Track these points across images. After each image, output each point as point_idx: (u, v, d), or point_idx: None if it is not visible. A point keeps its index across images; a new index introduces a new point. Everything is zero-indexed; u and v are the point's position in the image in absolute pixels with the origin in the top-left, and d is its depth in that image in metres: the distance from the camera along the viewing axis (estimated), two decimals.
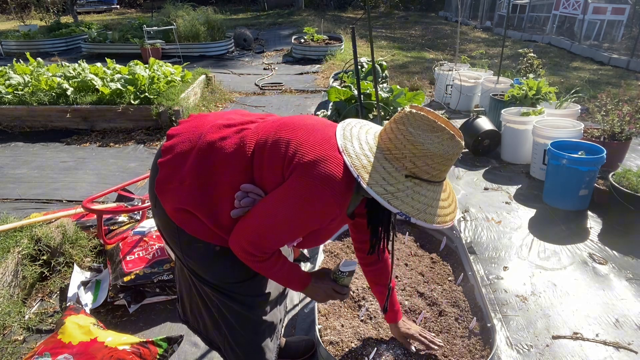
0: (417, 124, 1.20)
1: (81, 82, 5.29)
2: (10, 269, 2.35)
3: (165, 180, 1.38)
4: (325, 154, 1.24)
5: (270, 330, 1.60)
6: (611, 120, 3.76)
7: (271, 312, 1.60)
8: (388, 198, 1.18)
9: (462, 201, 3.52)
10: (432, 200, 1.23)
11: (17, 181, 3.90)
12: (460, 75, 5.59)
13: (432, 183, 1.23)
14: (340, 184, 1.21)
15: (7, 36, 10.56)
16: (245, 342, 1.54)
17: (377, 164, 1.22)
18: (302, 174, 1.21)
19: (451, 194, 1.34)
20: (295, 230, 1.30)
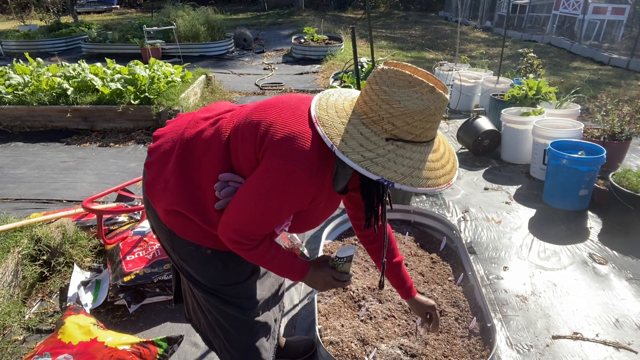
0: (391, 81, 1.10)
1: (81, 82, 5.29)
2: (10, 269, 2.35)
3: (152, 182, 1.38)
4: (296, 130, 1.17)
5: (265, 331, 1.58)
6: (611, 120, 3.76)
7: (265, 314, 1.59)
8: (366, 165, 1.08)
9: (462, 201, 3.52)
10: (419, 162, 1.12)
11: (17, 181, 3.90)
12: (460, 75, 5.59)
13: (417, 144, 1.12)
14: (313, 160, 1.14)
15: (7, 36, 10.56)
16: (240, 344, 1.54)
17: (353, 131, 1.13)
18: (273, 154, 1.16)
19: (447, 153, 1.22)
20: (275, 214, 1.24)
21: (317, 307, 1.97)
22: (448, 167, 1.19)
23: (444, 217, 2.68)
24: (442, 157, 1.20)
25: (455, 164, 1.23)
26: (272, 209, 1.22)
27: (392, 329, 1.91)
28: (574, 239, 2.99)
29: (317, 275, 1.41)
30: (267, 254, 1.32)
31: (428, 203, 3.50)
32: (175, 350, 1.97)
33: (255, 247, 1.29)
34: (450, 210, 3.40)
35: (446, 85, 5.13)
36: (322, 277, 1.40)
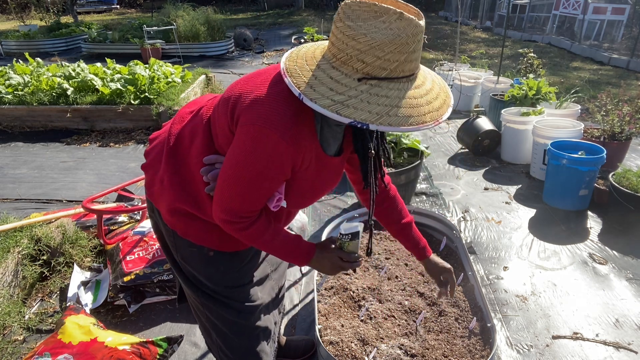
0: (355, 15, 1.01)
1: (81, 82, 5.29)
2: (10, 269, 2.35)
3: (150, 184, 1.39)
4: (264, 92, 1.12)
5: (266, 335, 1.56)
6: (611, 120, 3.76)
7: (265, 317, 1.56)
8: (337, 109, 0.99)
9: (462, 201, 3.52)
10: (397, 99, 1.01)
11: (17, 181, 3.90)
12: (460, 75, 5.59)
13: (394, 80, 1.02)
14: (282, 116, 1.08)
15: (7, 36, 10.57)
16: (239, 348, 1.51)
17: (322, 75, 1.04)
18: (243, 122, 1.11)
19: (435, 88, 1.10)
20: (257, 184, 1.16)
21: (317, 307, 1.97)
22: (436, 104, 1.07)
23: (444, 217, 2.68)
24: (429, 92, 1.07)
25: (447, 100, 1.10)
26: (253, 179, 1.15)
27: (392, 329, 1.91)
28: (574, 239, 2.99)
29: (324, 258, 1.33)
30: (265, 234, 1.26)
31: (428, 203, 3.50)
32: (175, 350, 1.97)
33: (249, 225, 1.23)
34: (450, 210, 3.40)
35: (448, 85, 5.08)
36: (328, 259, 1.33)
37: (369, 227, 1.47)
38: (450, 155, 4.43)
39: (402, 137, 3.32)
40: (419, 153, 3.32)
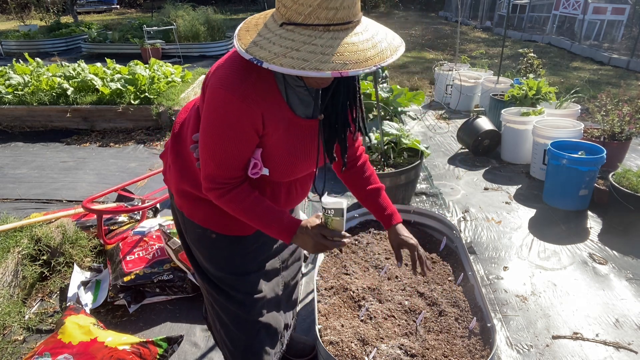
0: None
1: (81, 82, 5.29)
2: (10, 269, 2.35)
3: (165, 170, 1.52)
4: (224, 60, 1.17)
5: (270, 333, 1.55)
6: (611, 120, 3.76)
7: (270, 314, 1.55)
8: (248, 47, 1.03)
9: (462, 201, 3.52)
10: (302, 44, 1.00)
11: (17, 181, 3.90)
12: (460, 75, 5.59)
13: (309, 27, 1.00)
14: (235, 76, 1.12)
15: (7, 36, 10.57)
16: (239, 341, 1.51)
17: (264, 29, 1.07)
18: (208, 91, 1.17)
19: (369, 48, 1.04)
20: (226, 147, 1.19)
21: (317, 307, 1.97)
22: (352, 57, 1.00)
23: (444, 217, 2.68)
24: (354, 46, 1.02)
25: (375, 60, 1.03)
26: (219, 142, 1.18)
27: (392, 329, 1.91)
28: (574, 239, 2.99)
29: (306, 234, 1.27)
30: (245, 201, 1.26)
31: (428, 203, 3.51)
32: (175, 350, 1.97)
33: (228, 192, 1.25)
34: (450, 210, 3.40)
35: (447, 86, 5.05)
36: (311, 236, 1.27)
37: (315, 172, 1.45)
38: (450, 155, 4.43)
39: (402, 138, 3.32)
40: (419, 153, 3.32)
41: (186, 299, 2.42)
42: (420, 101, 4.02)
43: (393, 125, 3.41)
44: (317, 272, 2.23)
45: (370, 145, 3.28)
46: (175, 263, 2.38)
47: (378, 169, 3.14)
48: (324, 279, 2.20)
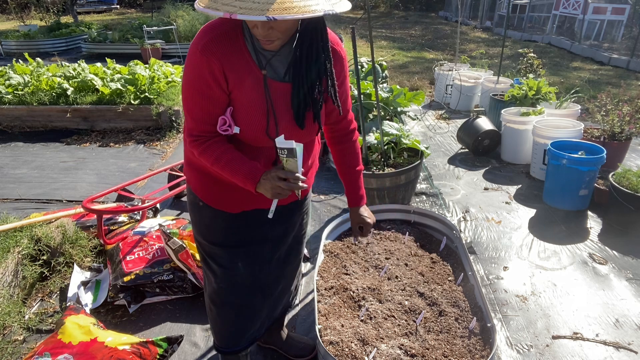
0: None
1: (81, 82, 5.29)
2: (10, 269, 2.35)
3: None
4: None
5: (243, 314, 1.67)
6: (611, 120, 3.76)
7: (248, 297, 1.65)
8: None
9: (462, 201, 3.52)
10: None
11: (17, 181, 3.90)
12: (460, 75, 5.59)
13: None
14: (200, 34, 1.27)
15: (7, 36, 10.57)
16: (212, 311, 1.70)
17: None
18: None
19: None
20: (195, 100, 1.31)
21: (317, 307, 1.97)
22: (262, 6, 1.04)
23: (444, 217, 2.68)
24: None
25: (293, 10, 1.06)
26: (189, 95, 1.32)
27: (392, 329, 1.91)
28: (574, 239, 2.99)
29: (265, 179, 1.30)
30: (217, 151, 1.34)
31: (428, 203, 3.51)
32: (175, 350, 1.97)
33: (203, 143, 1.34)
34: (450, 210, 3.40)
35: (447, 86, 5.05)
36: (269, 180, 1.29)
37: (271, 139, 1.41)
38: (450, 155, 4.43)
39: (402, 138, 3.32)
40: (419, 153, 3.32)
41: (186, 299, 2.42)
42: (420, 101, 4.02)
43: (393, 125, 3.41)
44: (317, 272, 2.23)
45: (370, 145, 3.28)
46: (175, 263, 2.38)
47: (378, 169, 3.14)
48: (324, 279, 2.19)
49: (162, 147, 4.68)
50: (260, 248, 1.61)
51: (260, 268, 1.65)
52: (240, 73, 1.28)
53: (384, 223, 2.75)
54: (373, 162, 3.24)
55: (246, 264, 1.60)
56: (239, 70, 1.28)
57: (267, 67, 1.31)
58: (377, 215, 2.80)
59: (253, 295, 1.67)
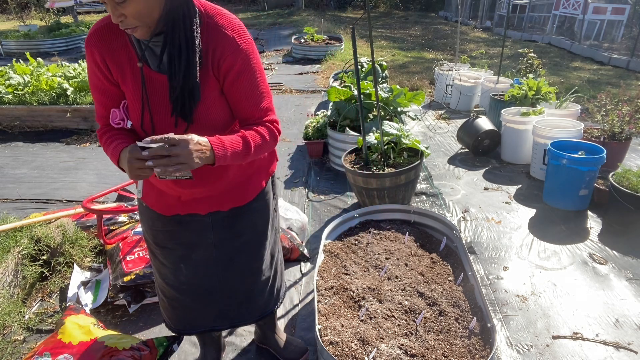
0: None
1: (81, 82, 5.29)
2: (10, 269, 2.35)
3: None
4: None
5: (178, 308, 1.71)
6: (611, 120, 3.76)
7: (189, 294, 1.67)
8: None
9: (462, 201, 3.52)
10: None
11: (17, 181, 3.90)
12: (460, 75, 5.59)
13: None
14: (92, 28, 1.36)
15: (7, 36, 10.57)
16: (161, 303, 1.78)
17: None
18: None
19: None
20: (93, 93, 1.40)
21: (317, 307, 1.97)
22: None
23: (444, 217, 2.68)
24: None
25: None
26: (92, 92, 1.41)
27: (392, 329, 1.91)
28: (574, 239, 2.99)
29: (124, 157, 1.27)
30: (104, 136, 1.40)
31: (428, 203, 3.51)
32: (175, 350, 1.97)
33: (102, 135, 1.41)
34: (450, 210, 3.40)
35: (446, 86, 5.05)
36: (126, 158, 1.23)
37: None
38: (450, 155, 4.43)
39: (402, 138, 3.32)
40: (419, 153, 3.32)
41: None
42: (420, 101, 4.02)
43: (393, 125, 3.41)
44: (317, 272, 2.23)
45: (370, 145, 3.28)
46: None
47: (378, 169, 3.14)
48: (324, 279, 2.20)
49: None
50: (203, 252, 1.61)
51: (205, 271, 1.65)
52: (122, 65, 1.31)
53: (384, 223, 2.75)
54: (373, 162, 3.24)
55: (188, 265, 1.62)
56: (120, 62, 1.31)
57: (149, 58, 1.31)
58: (377, 215, 2.81)
59: (196, 295, 1.68)
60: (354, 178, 3.18)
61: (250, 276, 1.74)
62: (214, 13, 1.32)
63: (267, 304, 1.86)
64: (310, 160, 4.26)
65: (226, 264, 1.66)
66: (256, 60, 1.36)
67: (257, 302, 1.81)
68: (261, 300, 1.82)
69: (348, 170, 3.19)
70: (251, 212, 1.63)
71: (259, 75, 1.38)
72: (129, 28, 1.20)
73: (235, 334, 2.23)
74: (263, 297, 1.82)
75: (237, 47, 1.31)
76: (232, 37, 1.30)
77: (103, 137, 1.39)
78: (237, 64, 1.31)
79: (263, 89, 1.40)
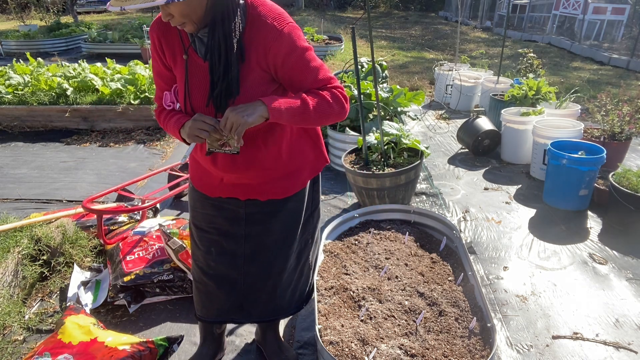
0: None
1: (81, 82, 5.29)
2: (10, 269, 2.35)
3: None
4: None
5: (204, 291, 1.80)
6: (611, 120, 3.76)
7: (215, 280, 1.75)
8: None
9: (462, 201, 3.52)
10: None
11: (17, 181, 3.90)
12: (460, 75, 5.59)
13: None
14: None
15: (7, 36, 10.57)
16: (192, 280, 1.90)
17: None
18: None
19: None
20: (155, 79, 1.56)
21: (317, 307, 1.97)
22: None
23: (444, 217, 2.68)
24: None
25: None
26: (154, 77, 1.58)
27: (392, 329, 1.91)
28: (574, 239, 2.99)
29: (188, 121, 1.40)
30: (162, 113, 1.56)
31: (428, 203, 3.51)
32: (175, 350, 1.97)
33: (158, 114, 1.58)
34: (450, 210, 3.40)
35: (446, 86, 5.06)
36: (192, 120, 1.38)
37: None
38: (450, 155, 4.43)
39: (402, 138, 3.32)
40: (419, 153, 3.32)
41: (186, 299, 2.41)
42: (420, 101, 4.02)
43: (393, 125, 3.41)
44: (317, 272, 2.23)
45: (370, 145, 3.28)
46: (175, 263, 2.38)
47: (378, 169, 3.14)
48: (324, 279, 2.19)
49: (162, 147, 4.68)
50: (234, 242, 1.68)
51: (232, 261, 1.70)
52: (174, 52, 1.44)
53: (384, 223, 2.75)
54: (373, 162, 3.24)
55: (218, 252, 1.70)
56: (173, 49, 1.44)
57: (198, 47, 1.41)
58: (377, 215, 2.80)
59: (221, 283, 1.75)
60: (354, 178, 3.18)
61: (273, 276, 1.77)
62: (258, 3, 1.40)
63: (287, 306, 1.89)
64: None
65: (252, 259, 1.71)
66: (300, 40, 1.41)
67: (277, 303, 1.84)
68: (282, 301, 1.85)
69: (348, 170, 3.19)
70: (286, 210, 1.69)
71: (308, 53, 1.42)
72: (178, 25, 1.31)
73: (236, 334, 2.23)
74: (284, 299, 1.85)
75: (279, 33, 1.37)
76: (272, 25, 1.37)
77: (161, 114, 1.55)
78: (282, 49, 1.37)
79: (316, 63, 1.44)
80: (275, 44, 1.36)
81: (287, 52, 1.38)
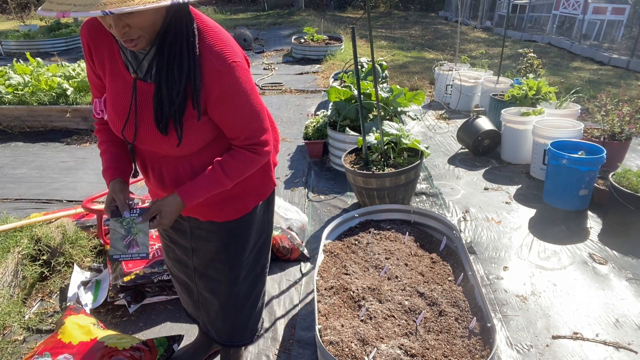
0: None
1: (81, 82, 5.29)
2: (10, 269, 2.35)
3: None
4: None
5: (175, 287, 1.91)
6: (611, 120, 3.76)
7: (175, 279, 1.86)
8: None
9: (462, 201, 3.52)
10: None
11: (17, 181, 3.90)
12: (460, 75, 5.59)
13: None
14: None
15: (7, 36, 10.57)
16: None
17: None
18: None
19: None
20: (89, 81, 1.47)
21: (317, 307, 1.97)
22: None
23: (444, 217, 2.68)
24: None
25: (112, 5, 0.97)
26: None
27: (392, 329, 1.91)
28: (574, 239, 2.99)
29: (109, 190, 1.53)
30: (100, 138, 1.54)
31: (428, 203, 3.50)
32: (175, 350, 1.97)
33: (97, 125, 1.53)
34: (450, 210, 3.40)
35: (447, 86, 5.04)
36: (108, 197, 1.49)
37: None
38: (450, 155, 4.43)
39: (402, 138, 3.32)
40: (419, 153, 3.32)
41: None
42: (420, 101, 4.02)
43: (393, 125, 3.41)
44: (317, 272, 2.23)
45: (370, 145, 3.28)
46: None
47: (378, 169, 3.14)
48: (324, 279, 2.20)
49: None
50: (184, 253, 1.70)
51: (186, 270, 1.75)
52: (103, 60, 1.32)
53: (384, 223, 2.75)
54: (373, 162, 3.24)
55: (174, 259, 1.77)
56: (102, 57, 1.32)
57: (131, 63, 1.28)
58: (377, 215, 2.81)
59: (182, 286, 1.84)
60: (354, 178, 3.18)
61: (219, 296, 1.71)
62: (204, 30, 1.25)
63: (233, 333, 1.81)
64: (310, 160, 4.26)
65: (201, 273, 1.70)
66: (238, 83, 1.26)
67: (225, 325, 1.79)
68: (227, 326, 1.79)
69: (348, 170, 3.19)
70: (227, 231, 1.59)
71: (244, 98, 1.29)
72: (132, 39, 1.14)
73: None
74: (230, 323, 1.79)
75: (216, 72, 1.22)
76: (210, 60, 1.22)
77: (98, 137, 1.53)
78: (215, 89, 1.24)
79: (247, 111, 1.32)
80: (211, 82, 1.24)
81: (219, 96, 1.26)
